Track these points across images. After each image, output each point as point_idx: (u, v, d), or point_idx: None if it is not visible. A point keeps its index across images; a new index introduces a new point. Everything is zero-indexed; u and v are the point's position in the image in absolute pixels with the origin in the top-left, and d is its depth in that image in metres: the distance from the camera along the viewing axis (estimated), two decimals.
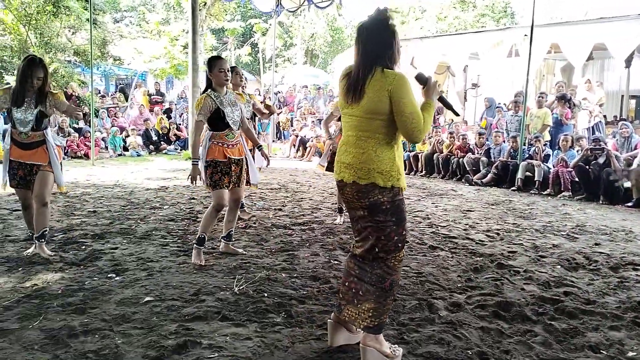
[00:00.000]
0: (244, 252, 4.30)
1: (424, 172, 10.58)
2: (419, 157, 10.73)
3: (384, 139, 2.36)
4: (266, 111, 5.77)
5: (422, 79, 2.45)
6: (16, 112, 3.91)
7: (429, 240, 4.93)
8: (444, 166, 10.21)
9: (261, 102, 6.02)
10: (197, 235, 4.05)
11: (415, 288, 3.54)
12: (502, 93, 13.00)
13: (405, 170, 10.51)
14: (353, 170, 2.38)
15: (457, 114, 2.93)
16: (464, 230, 5.46)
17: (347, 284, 2.55)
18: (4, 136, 4.30)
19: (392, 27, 2.37)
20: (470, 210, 6.58)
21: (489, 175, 9.26)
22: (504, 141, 9.76)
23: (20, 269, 3.77)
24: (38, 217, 4.02)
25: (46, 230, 4.09)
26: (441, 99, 2.51)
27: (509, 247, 4.75)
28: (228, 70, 4.00)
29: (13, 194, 6.90)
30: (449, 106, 2.61)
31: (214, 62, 3.93)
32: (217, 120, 3.94)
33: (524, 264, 4.23)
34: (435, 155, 10.41)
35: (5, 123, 3.62)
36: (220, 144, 3.97)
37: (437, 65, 13.32)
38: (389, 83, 2.27)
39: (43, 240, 4.07)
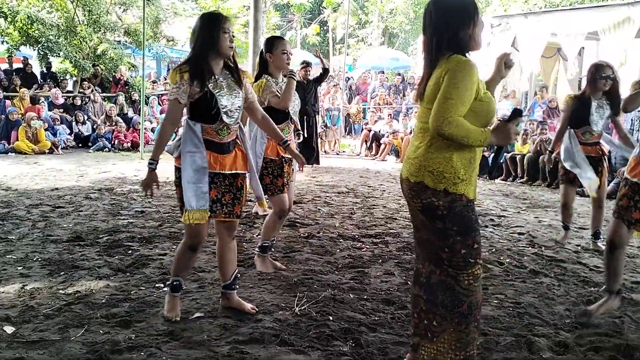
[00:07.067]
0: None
1: (525, 178, 10.23)
2: (517, 159, 10.38)
3: None
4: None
5: (515, 114, 2.38)
6: (221, 97, 3.09)
7: (530, 263, 4.77)
8: (551, 171, 9.82)
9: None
10: None
11: (511, 321, 3.44)
12: (629, 81, 12.32)
13: (502, 175, 10.39)
14: (408, 165, 2.43)
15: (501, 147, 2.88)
16: (575, 252, 5.24)
17: (416, 314, 2.54)
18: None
19: (465, 5, 2.34)
20: (584, 228, 6.29)
21: (611, 185, 8.80)
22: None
23: (62, 272, 4.03)
24: (229, 254, 3.39)
25: (238, 274, 3.52)
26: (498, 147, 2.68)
27: (632, 277, 4.50)
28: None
29: (56, 189, 7.40)
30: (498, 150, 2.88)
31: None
32: None
33: None
34: (540, 158, 10.04)
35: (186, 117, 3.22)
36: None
37: (545, 47, 12.84)
38: (447, 67, 2.26)
39: (235, 288, 3.45)
